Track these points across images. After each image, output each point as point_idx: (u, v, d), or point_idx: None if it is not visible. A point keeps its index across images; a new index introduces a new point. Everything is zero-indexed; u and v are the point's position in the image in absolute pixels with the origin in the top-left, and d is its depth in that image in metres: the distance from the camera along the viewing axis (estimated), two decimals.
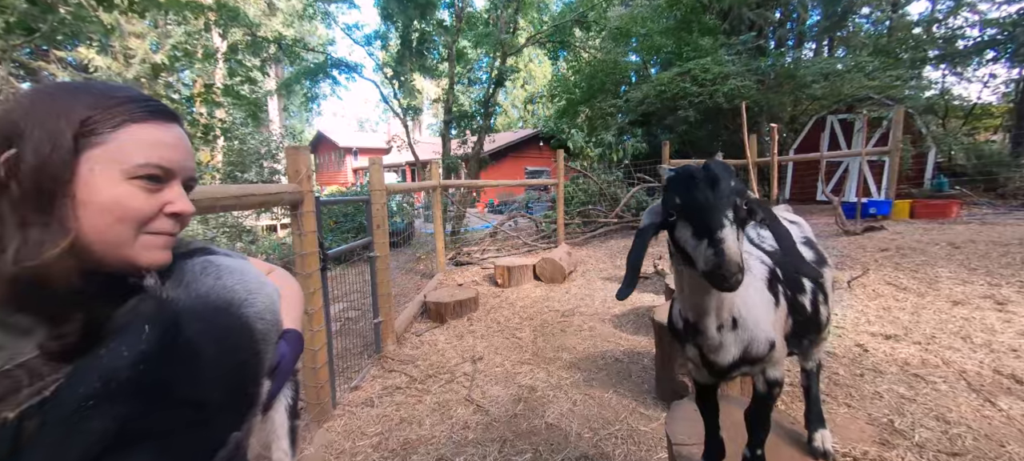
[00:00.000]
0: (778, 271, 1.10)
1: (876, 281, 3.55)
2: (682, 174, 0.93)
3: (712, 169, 0.90)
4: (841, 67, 9.32)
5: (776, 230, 0.95)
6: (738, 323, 1.00)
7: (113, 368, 0.43)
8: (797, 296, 1.14)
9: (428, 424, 2.21)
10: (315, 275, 2.09)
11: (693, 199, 0.88)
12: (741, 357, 1.01)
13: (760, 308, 1.01)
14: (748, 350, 1.01)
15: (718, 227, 0.83)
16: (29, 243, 0.44)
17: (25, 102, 0.48)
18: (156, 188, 0.51)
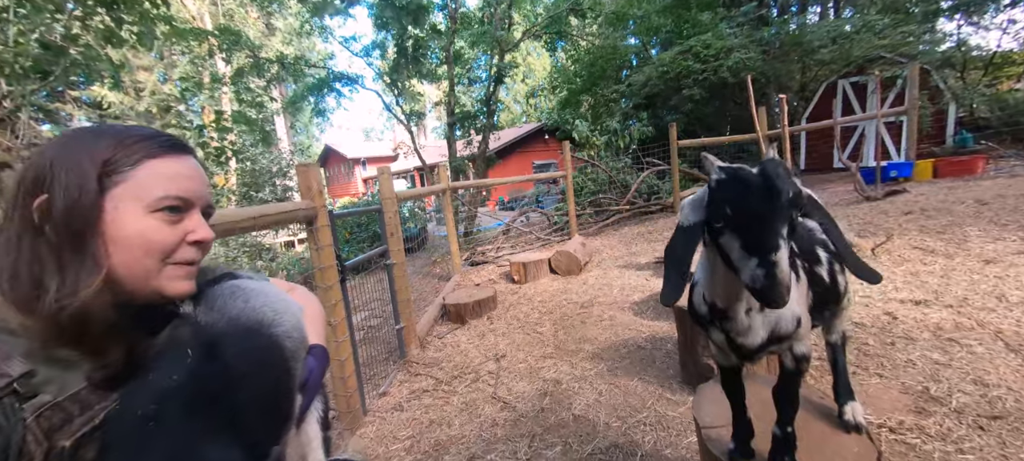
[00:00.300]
0: (793, 246, 1.07)
1: (901, 246, 3.45)
2: (735, 179, 0.83)
3: (770, 176, 0.79)
4: (849, 28, 9.04)
5: (832, 233, 0.89)
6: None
7: (164, 390, 0.46)
8: (814, 268, 1.12)
9: (457, 424, 2.24)
10: (335, 287, 2.13)
11: (746, 212, 0.80)
12: (769, 337, 1.00)
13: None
14: (776, 329, 0.99)
15: (773, 248, 0.75)
16: (67, 282, 0.47)
17: (51, 149, 0.51)
18: (177, 219, 0.53)
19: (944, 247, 3.28)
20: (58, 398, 0.45)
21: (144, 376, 0.47)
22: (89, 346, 0.48)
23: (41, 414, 0.43)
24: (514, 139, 17.84)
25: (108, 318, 0.48)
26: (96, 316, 0.47)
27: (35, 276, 0.47)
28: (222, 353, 0.50)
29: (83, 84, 9.71)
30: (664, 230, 6.07)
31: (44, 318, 0.46)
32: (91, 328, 0.47)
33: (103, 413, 0.47)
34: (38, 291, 0.46)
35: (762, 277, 0.76)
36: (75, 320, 0.46)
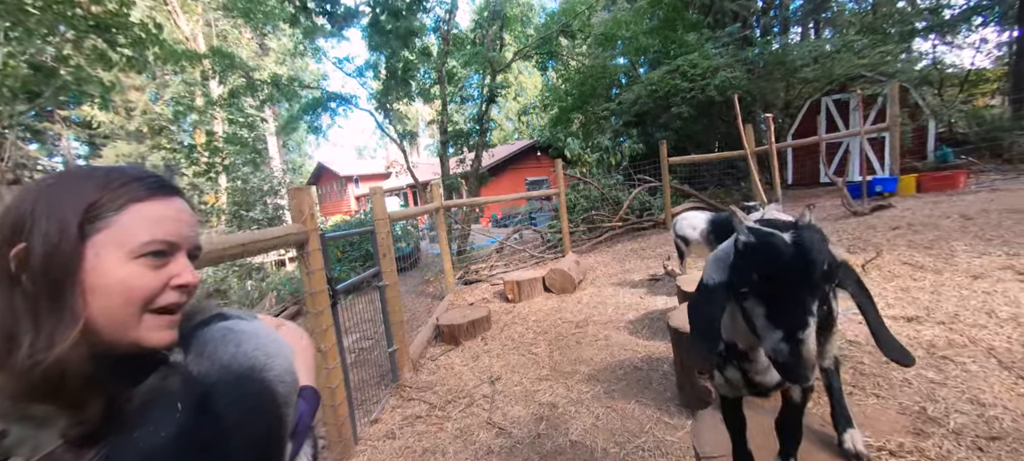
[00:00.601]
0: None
1: (891, 261, 3.49)
2: (766, 246, 0.76)
3: (805, 247, 0.73)
4: (830, 48, 9.34)
5: (867, 310, 0.83)
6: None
7: (151, 449, 0.43)
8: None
9: (451, 452, 2.18)
10: (326, 312, 2.09)
11: (776, 285, 0.74)
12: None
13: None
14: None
15: (801, 326, 0.71)
16: (42, 336, 0.44)
17: (32, 193, 0.48)
18: (162, 263, 0.51)
19: (933, 262, 3.32)
20: (32, 459, 0.42)
21: (129, 432, 0.45)
22: (65, 401, 0.45)
23: None
24: (506, 156, 17.97)
25: (85, 371, 0.46)
26: (72, 369, 0.45)
27: (7, 330, 0.44)
28: (213, 404, 0.48)
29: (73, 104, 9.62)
30: (657, 246, 6.10)
31: (16, 374, 0.43)
32: (67, 382, 0.44)
33: None
34: (10, 345, 0.44)
35: (786, 353, 0.72)
36: (50, 375, 0.43)
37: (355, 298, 4.34)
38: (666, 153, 7.00)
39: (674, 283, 3.79)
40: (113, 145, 11.04)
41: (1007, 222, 3.82)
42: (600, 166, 8.93)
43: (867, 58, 8.49)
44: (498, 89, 9.02)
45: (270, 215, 14.71)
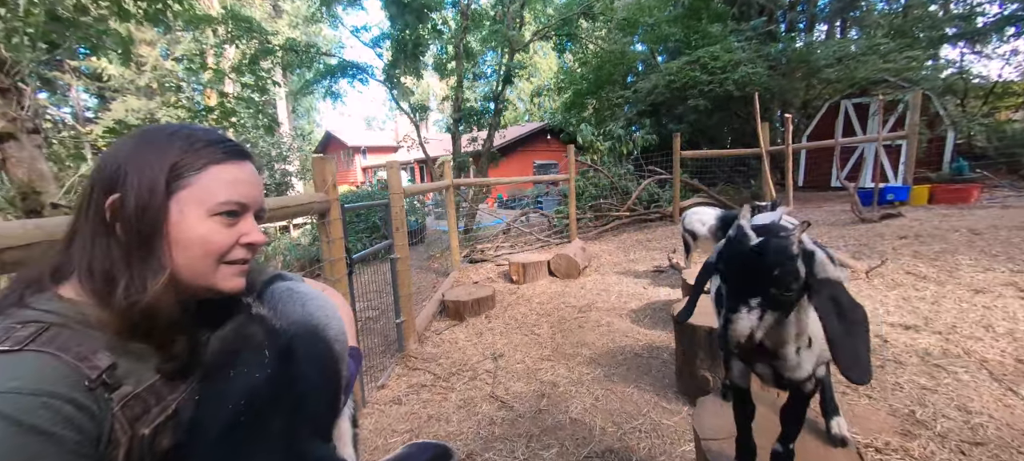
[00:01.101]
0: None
1: (895, 270, 3.53)
2: (733, 241, 0.91)
3: (760, 252, 0.85)
4: (855, 49, 9.15)
5: (828, 322, 0.86)
6: (812, 341, 1.01)
7: (251, 387, 0.50)
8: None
9: (455, 421, 2.29)
10: (343, 280, 2.17)
11: (727, 273, 0.92)
12: (814, 367, 1.04)
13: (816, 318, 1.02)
14: (820, 360, 1.04)
15: (733, 310, 0.85)
16: (135, 280, 0.50)
17: (123, 149, 0.54)
18: (234, 222, 0.57)
19: (936, 274, 3.36)
20: (137, 389, 0.49)
21: (224, 372, 0.51)
22: (157, 339, 0.52)
23: (126, 404, 0.47)
24: (517, 137, 17.86)
25: (173, 314, 0.52)
26: (163, 311, 0.51)
27: (106, 271, 0.50)
28: (293, 355, 0.54)
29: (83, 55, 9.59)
30: (663, 239, 6.14)
31: (116, 313, 0.49)
32: (159, 322, 0.51)
33: (174, 404, 0.51)
34: (109, 285, 0.50)
35: (721, 327, 0.89)
36: (144, 315, 0.50)
37: (362, 269, 4.44)
38: (679, 146, 6.98)
39: (679, 276, 3.85)
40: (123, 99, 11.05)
41: (1015, 239, 3.83)
42: (611, 154, 8.90)
43: (892, 62, 8.31)
44: (515, 69, 8.92)
45: (277, 181, 14.79)
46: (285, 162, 15.26)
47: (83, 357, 0.45)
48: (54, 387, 0.41)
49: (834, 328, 0.83)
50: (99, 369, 0.45)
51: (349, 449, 0.78)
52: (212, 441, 0.47)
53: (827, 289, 0.86)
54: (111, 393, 0.46)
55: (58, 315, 0.47)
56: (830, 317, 0.84)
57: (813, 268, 0.88)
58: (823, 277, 0.86)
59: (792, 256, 0.85)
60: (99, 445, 0.44)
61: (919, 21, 10.62)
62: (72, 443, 0.41)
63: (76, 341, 0.46)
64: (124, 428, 0.46)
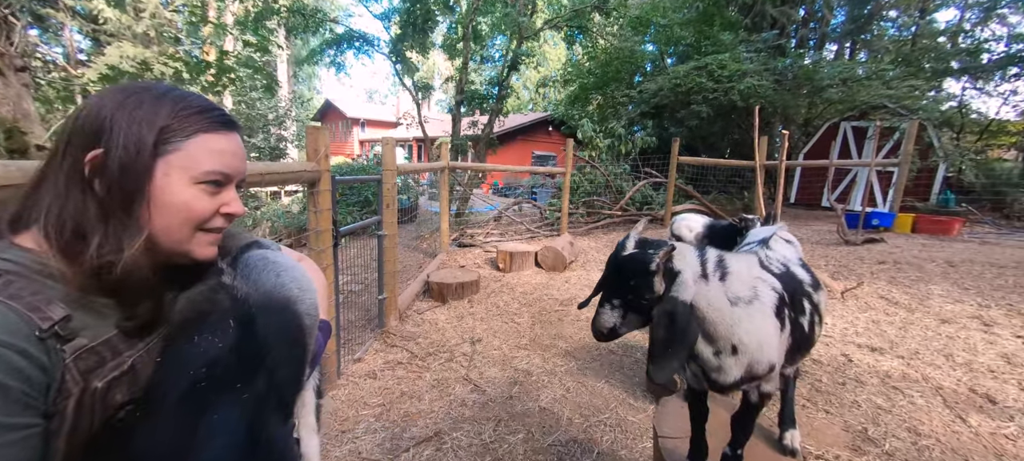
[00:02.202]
0: (785, 296, 1.14)
1: (869, 293, 3.63)
2: (616, 248, 1.08)
3: (621, 260, 1.02)
4: (861, 72, 9.21)
5: (654, 335, 1.01)
6: (738, 349, 1.05)
7: (213, 356, 0.51)
8: (799, 318, 1.20)
9: (427, 399, 2.34)
10: (328, 251, 2.18)
11: (604, 274, 1.08)
12: (743, 377, 1.08)
13: (766, 334, 1.06)
14: (750, 371, 1.08)
15: (601, 305, 1.04)
16: (110, 239, 0.50)
17: (109, 102, 0.52)
18: (216, 191, 0.57)
19: (908, 301, 3.45)
20: (92, 343, 0.49)
21: (188, 337, 0.52)
22: (124, 299, 0.52)
23: (79, 356, 0.47)
24: (517, 126, 17.77)
25: (144, 275, 0.52)
26: (134, 272, 0.51)
27: (78, 226, 0.49)
28: (258, 326, 0.55)
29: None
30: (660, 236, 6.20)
31: (84, 269, 0.49)
32: (128, 283, 0.51)
33: (131, 360, 0.52)
34: (79, 242, 0.49)
35: (594, 317, 1.07)
36: (114, 275, 0.50)
37: (349, 242, 4.44)
38: (678, 151, 7.01)
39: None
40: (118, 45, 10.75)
41: (987, 275, 3.94)
42: (610, 152, 8.91)
43: (895, 89, 8.39)
44: (523, 56, 8.83)
45: (272, 145, 14.56)
46: (281, 127, 15.00)
47: (35, 307, 0.45)
48: (3, 336, 0.42)
49: (658, 336, 0.96)
50: (52, 320, 0.45)
51: (311, 419, 0.79)
52: (170, 405, 0.48)
53: (670, 306, 0.96)
54: (64, 344, 0.46)
55: (12, 264, 0.46)
56: (659, 327, 0.96)
57: (672, 285, 0.97)
58: (674, 296, 0.96)
59: (649, 272, 0.96)
60: (48, 395, 0.44)
61: (927, 51, 10.70)
62: (18, 392, 0.41)
63: (30, 291, 0.45)
64: (76, 379, 0.47)
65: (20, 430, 0.42)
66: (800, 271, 1.31)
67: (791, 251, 1.42)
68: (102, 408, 0.49)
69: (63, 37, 11.98)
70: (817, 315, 1.28)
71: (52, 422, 0.45)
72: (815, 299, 1.28)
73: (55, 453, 0.46)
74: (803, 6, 11.59)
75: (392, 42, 8.50)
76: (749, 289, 1.06)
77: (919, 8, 11.17)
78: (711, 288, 1.01)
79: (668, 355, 0.95)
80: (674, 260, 0.99)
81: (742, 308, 1.03)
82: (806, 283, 1.29)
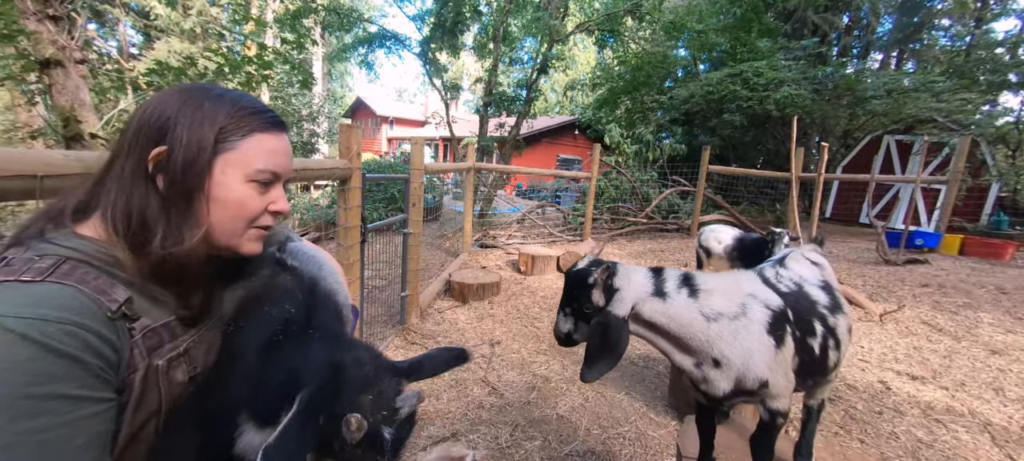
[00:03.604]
0: (789, 313, 1.13)
1: (911, 318, 3.43)
2: (571, 266, 1.17)
3: (569, 274, 1.12)
4: (908, 84, 8.73)
5: (592, 336, 1.09)
6: (721, 363, 1.06)
7: (288, 316, 0.58)
8: (806, 338, 1.17)
9: (445, 399, 2.35)
10: (356, 247, 2.23)
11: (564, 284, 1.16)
12: (734, 390, 1.08)
13: (754, 350, 1.06)
14: (740, 385, 1.07)
15: (558, 312, 1.15)
16: (172, 231, 0.53)
17: (172, 102, 0.55)
18: (265, 190, 0.60)
19: (954, 328, 3.25)
20: (153, 324, 0.52)
21: (258, 308, 0.60)
22: (180, 288, 0.56)
23: (144, 334, 0.51)
24: (544, 128, 17.73)
25: (200, 267, 0.56)
26: (192, 265, 0.54)
27: (143, 218, 0.53)
28: (318, 294, 0.62)
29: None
30: (676, 251, 6.07)
31: (150, 259, 0.52)
32: (185, 273, 0.54)
33: (185, 345, 0.56)
34: (145, 233, 0.52)
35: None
36: (175, 266, 0.53)
37: (374, 238, 4.53)
38: (708, 159, 6.84)
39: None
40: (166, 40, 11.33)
41: None
42: (637, 158, 8.77)
43: (945, 103, 7.91)
44: (552, 59, 8.81)
45: (305, 140, 15.03)
46: (314, 123, 15.47)
47: (102, 290, 0.48)
48: (78, 317, 0.44)
49: (592, 344, 1.08)
50: (118, 302, 0.49)
51: None
52: (250, 357, 0.55)
53: (604, 318, 1.06)
54: (131, 323, 0.50)
55: (75, 251, 0.49)
56: (593, 336, 1.08)
57: (611, 300, 1.07)
58: (609, 310, 1.07)
59: (587, 285, 1.07)
60: (119, 371, 0.48)
61: (982, 63, 10.05)
62: (96, 368, 0.44)
63: (93, 276, 0.49)
64: (142, 354, 0.50)
65: (100, 403, 0.45)
66: (816, 292, 1.27)
67: (812, 271, 1.36)
68: (166, 384, 0.53)
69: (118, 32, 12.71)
70: (832, 339, 1.23)
71: (122, 396, 0.48)
72: (830, 322, 1.23)
73: (124, 426, 0.49)
74: (847, 13, 11.11)
75: (423, 42, 8.63)
76: (735, 305, 1.09)
77: (975, 17, 10.52)
78: (672, 304, 1.07)
79: (598, 360, 1.05)
80: (616, 279, 1.09)
81: (724, 323, 1.06)
82: (821, 305, 1.24)
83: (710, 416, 1.28)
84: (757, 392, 1.09)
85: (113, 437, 0.47)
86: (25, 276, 0.45)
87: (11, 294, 0.43)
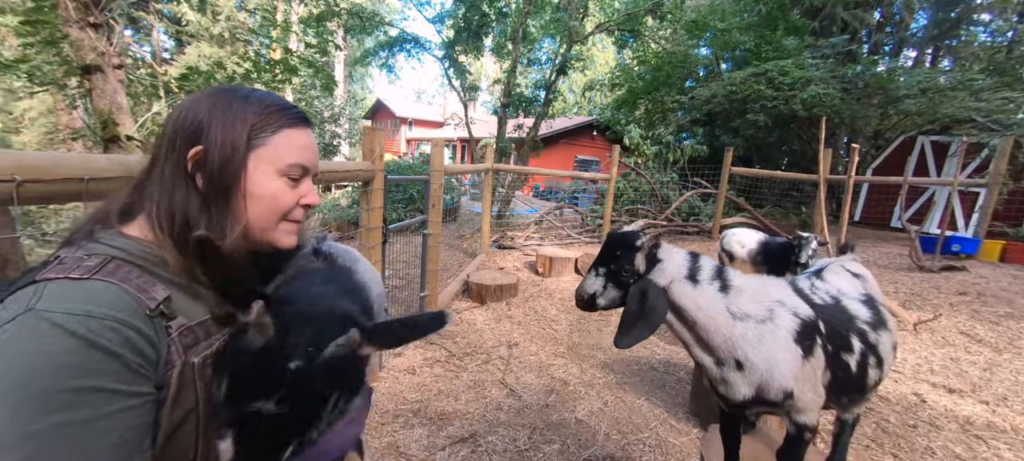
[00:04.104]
0: (821, 325, 1.09)
1: (947, 327, 3.28)
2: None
3: (614, 235, 1.12)
4: (944, 82, 8.34)
5: (631, 301, 1.06)
6: (743, 366, 1.03)
7: (320, 292, 0.61)
8: (841, 354, 1.12)
9: (463, 400, 2.36)
10: (377, 247, 2.26)
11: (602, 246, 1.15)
12: (755, 398, 1.04)
13: (779, 358, 1.03)
14: (762, 392, 1.03)
15: (588, 272, 1.12)
16: (214, 227, 0.55)
17: (205, 104, 0.58)
18: (296, 184, 0.62)
19: (994, 339, 3.09)
20: (190, 322, 0.54)
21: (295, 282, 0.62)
22: (219, 284, 0.56)
23: (181, 332, 0.53)
24: (561, 129, 17.64)
25: (241, 262, 0.57)
26: (232, 260, 0.55)
27: (185, 216, 0.55)
28: (356, 278, 0.65)
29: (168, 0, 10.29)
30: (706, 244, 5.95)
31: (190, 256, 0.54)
32: (226, 271, 0.55)
33: (218, 342, 0.57)
34: (189, 232, 0.54)
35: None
36: (215, 262, 0.54)
37: (394, 238, 4.59)
38: (730, 160, 6.69)
39: None
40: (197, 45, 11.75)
41: None
42: (657, 160, 8.65)
43: (985, 102, 7.53)
44: (571, 60, 8.76)
45: (326, 142, 15.35)
46: (336, 124, 15.78)
47: (143, 289, 0.50)
48: (120, 314, 0.46)
49: (630, 309, 1.06)
50: (157, 301, 0.51)
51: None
52: (298, 311, 0.56)
53: (644, 285, 1.05)
54: (169, 321, 0.52)
55: (120, 251, 0.52)
56: (632, 301, 1.06)
57: (652, 269, 1.06)
58: (650, 278, 1.05)
59: (634, 247, 1.06)
60: (157, 367, 0.50)
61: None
62: (135, 364, 0.46)
63: (135, 275, 0.51)
64: (179, 351, 0.52)
65: (137, 398, 0.47)
66: (855, 306, 1.21)
67: (852, 284, 1.31)
68: (201, 380, 0.54)
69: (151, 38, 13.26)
70: (873, 356, 1.18)
71: (161, 392, 0.50)
72: (871, 338, 1.17)
73: (163, 423, 0.50)
74: (879, 9, 10.70)
75: (445, 45, 8.70)
76: (763, 309, 1.05)
77: (1018, 12, 9.99)
78: (701, 293, 1.04)
79: (634, 327, 1.03)
80: (660, 250, 1.07)
81: (750, 325, 1.03)
82: (860, 319, 1.19)
83: (735, 425, 1.25)
84: (781, 403, 1.05)
85: (153, 434, 0.49)
86: (74, 274, 0.47)
87: (60, 290, 0.46)
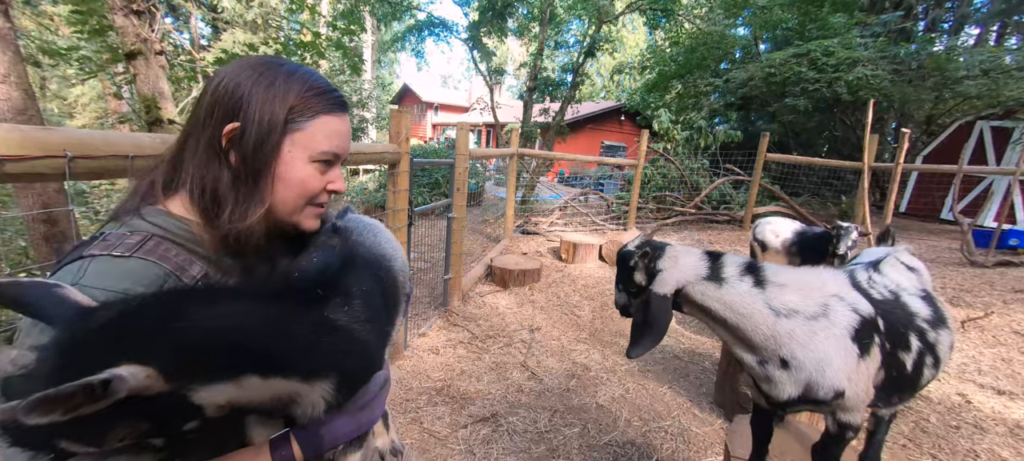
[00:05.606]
0: (880, 322, 1.04)
1: (999, 326, 3.07)
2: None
3: (618, 253, 1.17)
4: (1010, 61, 7.65)
5: (637, 311, 1.10)
6: (790, 364, 0.98)
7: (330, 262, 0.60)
8: (898, 352, 1.06)
9: (486, 381, 2.40)
10: (403, 230, 2.30)
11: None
12: (800, 396, 1.00)
13: (832, 357, 0.98)
14: (809, 391, 0.99)
15: (615, 288, 1.19)
16: (239, 206, 0.56)
17: (246, 78, 0.56)
18: (326, 169, 0.62)
19: None
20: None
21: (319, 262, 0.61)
22: (244, 260, 0.59)
23: None
24: (588, 114, 17.27)
25: (261, 242, 0.58)
26: (254, 238, 0.57)
27: (215, 193, 0.56)
28: (364, 267, 0.63)
29: None
30: (726, 244, 5.77)
31: (218, 232, 0.56)
32: (248, 248, 0.58)
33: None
34: (216, 207, 0.56)
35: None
36: (239, 239, 0.56)
37: (419, 222, 4.66)
38: (766, 146, 6.40)
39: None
40: (231, 31, 12.11)
41: None
42: (687, 145, 8.36)
43: None
44: (600, 41, 8.52)
45: (354, 125, 15.64)
46: (364, 108, 16.03)
47: (181, 267, 0.52)
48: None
49: (635, 321, 1.10)
50: (193, 277, 0.53)
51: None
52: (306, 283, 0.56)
53: (646, 296, 1.08)
54: None
55: (162, 229, 0.54)
56: (637, 314, 1.10)
57: (652, 280, 1.08)
58: (652, 290, 1.08)
59: (630, 266, 1.11)
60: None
61: None
62: None
63: (174, 252, 0.53)
64: None
65: None
66: (915, 302, 1.14)
67: (910, 279, 1.23)
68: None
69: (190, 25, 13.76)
70: (931, 356, 1.11)
71: None
72: (930, 337, 1.10)
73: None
74: None
75: (470, 27, 8.64)
76: (815, 305, 1.00)
77: None
78: (730, 291, 1.01)
79: (641, 337, 1.06)
80: (659, 260, 1.10)
81: (798, 322, 0.98)
82: (920, 317, 1.11)
83: (767, 418, 1.21)
84: (830, 402, 1.00)
85: None
86: (116, 251, 0.49)
87: (101, 267, 0.48)
